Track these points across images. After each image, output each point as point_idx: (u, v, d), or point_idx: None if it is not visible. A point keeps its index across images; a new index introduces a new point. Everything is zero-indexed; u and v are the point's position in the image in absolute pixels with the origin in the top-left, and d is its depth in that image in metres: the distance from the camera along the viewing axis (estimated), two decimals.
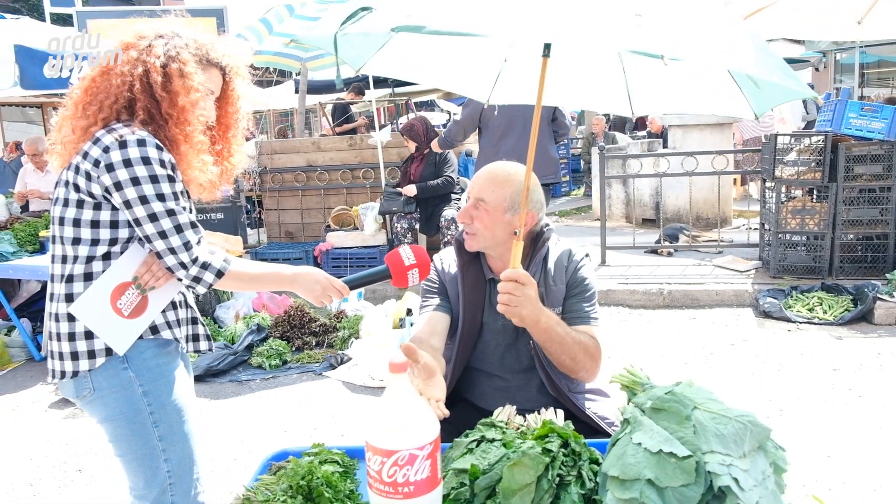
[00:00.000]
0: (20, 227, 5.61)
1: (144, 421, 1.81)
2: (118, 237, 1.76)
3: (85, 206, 1.72)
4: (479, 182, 2.05)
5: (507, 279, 1.78)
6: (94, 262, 1.74)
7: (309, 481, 1.45)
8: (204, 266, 1.74)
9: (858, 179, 5.77)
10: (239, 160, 2.04)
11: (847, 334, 5.00)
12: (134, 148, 1.68)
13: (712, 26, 1.78)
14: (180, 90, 1.75)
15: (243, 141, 2.06)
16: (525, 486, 1.28)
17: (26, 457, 3.70)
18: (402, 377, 1.24)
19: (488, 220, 2.00)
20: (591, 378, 2.04)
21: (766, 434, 1.25)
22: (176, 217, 1.72)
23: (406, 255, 1.84)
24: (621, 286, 6.12)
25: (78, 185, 1.72)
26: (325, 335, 5.32)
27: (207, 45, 1.85)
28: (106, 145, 1.69)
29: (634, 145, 10.31)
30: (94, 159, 1.69)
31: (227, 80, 1.92)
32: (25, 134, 13.88)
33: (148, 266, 1.78)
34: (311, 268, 1.90)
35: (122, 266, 1.76)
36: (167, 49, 1.77)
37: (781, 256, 6.05)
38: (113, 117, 1.75)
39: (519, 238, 1.83)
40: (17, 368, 5.17)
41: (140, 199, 1.68)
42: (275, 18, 7.56)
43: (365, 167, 7.72)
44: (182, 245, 1.72)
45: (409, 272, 1.83)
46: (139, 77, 1.74)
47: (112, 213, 1.73)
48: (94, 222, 1.73)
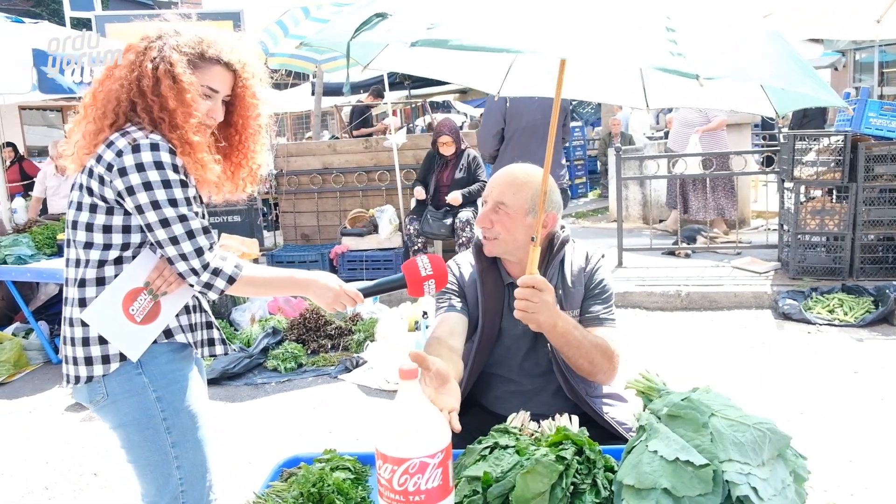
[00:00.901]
0: (38, 231, 5.65)
1: (157, 427, 1.79)
2: (130, 242, 1.75)
3: (98, 211, 1.71)
4: (497, 186, 2.02)
5: (525, 285, 1.76)
6: (107, 267, 1.73)
7: (320, 488, 1.44)
8: (215, 272, 1.72)
9: (879, 179, 5.69)
10: (262, 161, 2.00)
11: (868, 336, 4.92)
12: (147, 152, 1.67)
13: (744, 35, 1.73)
14: (168, 93, 1.71)
15: (267, 142, 2.02)
16: (538, 494, 1.25)
17: (42, 460, 3.73)
18: (412, 383, 1.23)
19: (509, 224, 1.98)
20: (609, 381, 2.02)
21: (786, 442, 1.22)
22: (188, 222, 1.70)
23: (423, 265, 1.79)
24: (639, 288, 6.07)
25: (91, 188, 1.71)
26: (340, 338, 5.32)
27: (205, 42, 1.80)
28: (119, 149, 1.68)
29: (651, 146, 10.24)
30: (108, 163, 1.68)
31: (237, 78, 1.87)
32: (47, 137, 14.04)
33: (160, 271, 1.76)
34: (325, 274, 1.87)
35: (133, 271, 1.75)
36: (161, 50, 1.74)
37: (801, 257, 5.97)
38: (122, 121, 1.73)
39: (536, 243, 1.82)
40: (35, 371, 5.21)
41: (152, 203, 1.67)
42: (290, 20, 7.58)
43: (381, 169, 7.72)
44: (193, 251, 1.70)
45: (426, 283, 1.79)
46: (134, 81, 1.73)
47: (125, 217, 1.73)
48: (106, 227, 1.72)
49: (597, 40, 1.53)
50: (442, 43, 1.49)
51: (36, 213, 7.16)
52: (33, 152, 13.58)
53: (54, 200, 7.35)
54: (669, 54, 1.46)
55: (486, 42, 1.50)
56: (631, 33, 1.55)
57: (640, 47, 1.53)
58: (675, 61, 1.44)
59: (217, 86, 1.82)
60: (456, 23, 1.52)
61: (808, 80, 1.66)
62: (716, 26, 1.71)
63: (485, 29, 1.53)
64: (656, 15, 1.56)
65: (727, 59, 1.57)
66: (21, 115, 13.63)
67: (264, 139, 1.99)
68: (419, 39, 1.49)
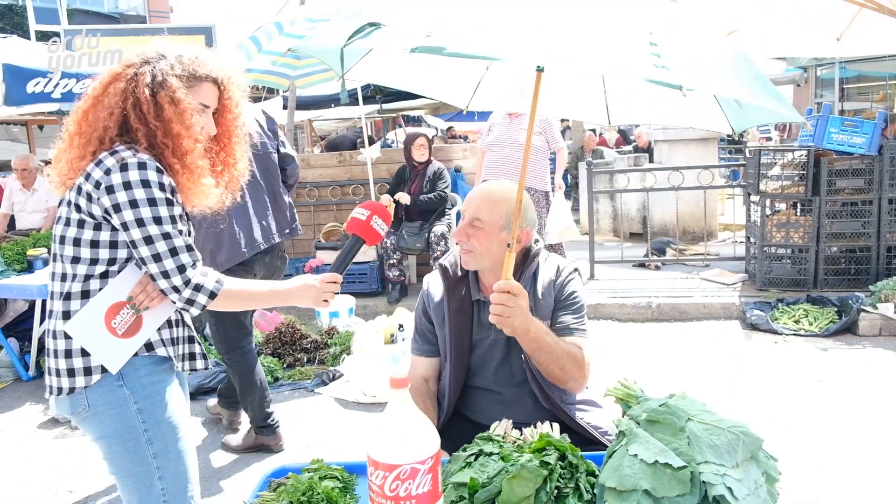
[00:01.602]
0: (7, 246, 5.57)
1: (139, 438, 1.81)
2: (117, 257, 1.78)
3: (85, 226, 1.75)
4: (474, 202, 2.09)
5: (500, 290, 1.82)
6: (92, 281, 1.76)
7: (310, 497, 1.47)
8: (197, 288, 1.76)
9: (841, 193, 5.87)
10: (243, 168, 2.05)
11: (832, 346, 5.06)
12: (134, 171, 1.71)
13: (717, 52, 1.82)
14: (173, 117, 1.76)
15: (246, 147, 2.07)
16: (524, 498, 1.30)
17: (16, 478, 3.67)
18: (402, 392, 1.27)
19: (484, 239, 2.05)
20: (580, 388, 2.09)
21: (759, 444, 1.29)
22: (171, 240, 1.74)
23: (359, 213, 1.91)
24: (610, 300, 6.17)
25: (79, 205, 1.74)
26: (316, 351, 5.31)
27: (193, 62, 1.84)
28: (108, 167, 1.72)
29: (621, 160, 10.42)
30: (96, 181, 1.72)
31: (221, 90, 1.92)
32: (11, 152, 13.82)
33: (143, 286, 1.80)
34: (299, 277, 1.94)
35: (117, 286, 1.78)
36: (154, 76, 1.78)
37: (767, 269, 6.12)
38: (106, 147, 1.76)
39: (511, 250, 1.88)
40: (5, 389, 5.13)
41: (137, 221, 1.71)
42: (264, 36, 7.58)
43: (355, 183, 7.75)
44: (176, 268, 1.74)
45: (372, 224, 1.90)
46: (131, 108, 1.76)
47: (112, 233, 1.76)
48: (93, 242, 1.75)
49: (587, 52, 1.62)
50: (439, 50, 1.56)
51: (3, 230, 7.04)
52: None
53: (22, 216, 7.23)
54: (654, 66, 1.55)
55: (481, 51, 1.56)
56: (618, 47, 1.64)
57: (627, 60, 1.63)
58: (660, 73, 1.54)
59: (208, 101, 1.88)
60: (453, 31, 1.60)
61: (771, 98, 1.75)
62: (692, 43, 1.80)
63: (480, 38, 1.60)
64: (640, 31, 1.65)
65: (705, 74, 1.67)
66: None
67: (245, 147, 2.05)
68: (419, 46, 1.57)
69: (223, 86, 1.91)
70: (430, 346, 2.22)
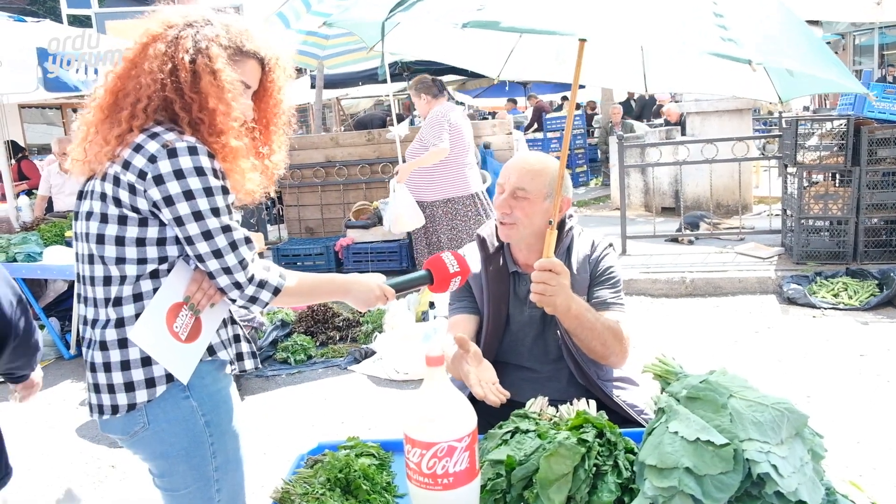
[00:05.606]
0: (46, 228, 5.68)
1: (204, 454, 1.63)
2: (167, 255, 1.57)
3: (129, 223, 1.53)
4: (514, 172, 2.07)
5: (542, 268, 1.81)
6: (142, 282, 1.56)
7: (347, 474, 1.48)
8: (261, 285, 1.57)
9: (882, 163, 5.70)
10: (280, 159, 1.83)
11: (873, 319, 4.95)
12: (185, 157, 1.49)
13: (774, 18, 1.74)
14: (210, 90, 1.54)
15: (286, 139, 1.86)
16: (562, 476, 1.29)
17: (60, 453, 3.77)
18: (439, 370, 1.26)
19: (529, 209, 2.03)
20: (621, 363, 2.07)
21: (804, 421, 1.25)
22: (231, 233, 1.54)
23: (450, 262, 1.78)
24: (643, 275, 6.10)
25: (119, 198, 1.52)
26: (348, 329, 5.36)
27: (242, 34, 1.63)
28: (152, 154, 1.49)
29: (652, 133, 10.24)
30: (139, 170, 1.49)
31: (266, 72, 1.71)
32: (47, 135, 14.06)
33: (198, 284, 1.60)
34: (366, 276, 1.77)
35: (172, 285, 1.58)
36: (197, 41, 1.56)
37: (805, 242, 6.00)
38: (150, 121, 1.55)
39: (553, 227, 1.86)
40: (48, 367, 5.25)
41: (194, 214, 1.50)
42: (291, 13, 7.56)
43: (384, 161, 7.74)
44: (238, 263, 1.54)
45: (452, 280, 1.78)
46: (169, 74, 1.54)
47: (160, 229, 1.55)
48: (139, 240, 1.54)
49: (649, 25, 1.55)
50: (494, 24, 1.50)
51: (42, 211, 7.17)
52: (33, 150, 13.60)
53: (59, 198, 7.35)
54: (720, 39, 1.49)
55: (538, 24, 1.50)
56: (681, 19, 1.57)
57: (691, 33, 1.55)
58: (728, 47, 1.47)
59: (251, 81, 1.68)
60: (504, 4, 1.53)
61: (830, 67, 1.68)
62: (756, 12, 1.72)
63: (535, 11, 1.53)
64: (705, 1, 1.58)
65: (772, 45, 1.60)
66: (21, 113, 13.65)
67: (284, 137, 1.85)
68: (470, 21, 1.49)
69: (269, 66, 1.70)
70: (471, 302, 2.17)
